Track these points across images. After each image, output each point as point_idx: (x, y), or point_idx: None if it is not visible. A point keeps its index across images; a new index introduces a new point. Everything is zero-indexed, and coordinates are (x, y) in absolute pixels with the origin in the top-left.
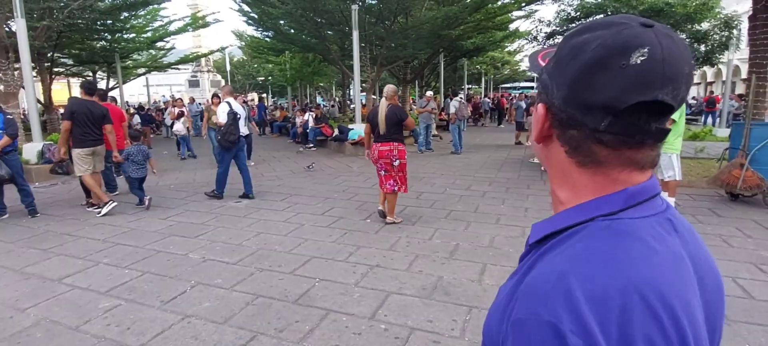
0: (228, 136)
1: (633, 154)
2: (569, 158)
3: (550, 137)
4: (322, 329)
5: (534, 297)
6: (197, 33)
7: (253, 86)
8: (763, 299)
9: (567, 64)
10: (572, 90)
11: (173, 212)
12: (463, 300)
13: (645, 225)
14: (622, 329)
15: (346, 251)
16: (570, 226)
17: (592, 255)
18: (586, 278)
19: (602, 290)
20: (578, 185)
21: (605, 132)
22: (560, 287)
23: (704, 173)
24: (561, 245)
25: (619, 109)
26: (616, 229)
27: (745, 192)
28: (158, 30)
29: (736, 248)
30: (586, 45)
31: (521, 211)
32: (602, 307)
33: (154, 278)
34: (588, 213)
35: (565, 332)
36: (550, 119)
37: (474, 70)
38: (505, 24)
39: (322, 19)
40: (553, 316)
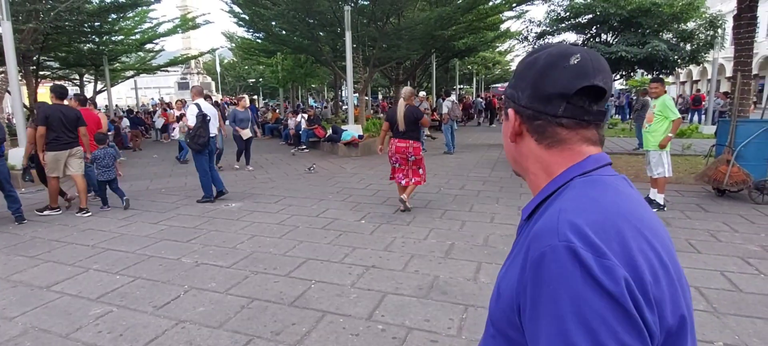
0: (198, 139)
1: (585, 132)
2: (538, 145)
3: (521, 134)
4: (319, 330)
5: (544, 235)
6: (187, 35)
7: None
8: (751, 292)
9: (526, 74)
10: (534, 88)
11: (164, 216)
12: (459, 299)
13: (613, 179)
14: (621, 244)
15: (342, 252)
16: (554, 191)
17: (582, 197)
18: (583, 211)
19: (598, 217)
20: (551, 163)
21: (562, 116)
22: (564, 220)
23: (691, 169)
24: (552, 203)
25: (570, 93)
26: (594, 180)
27: (732, 187)
28: (147, 32)
29: (724, 243)
30: (538, 59)
31: (515, 209)
32: (601, 229)
33: (146, 284)
34: (566, 177)
35: (577, 249)
36: (519, 118)
37: (466, 71)
38: (496, 24)
39: (314, 20)
40: (564, 239)
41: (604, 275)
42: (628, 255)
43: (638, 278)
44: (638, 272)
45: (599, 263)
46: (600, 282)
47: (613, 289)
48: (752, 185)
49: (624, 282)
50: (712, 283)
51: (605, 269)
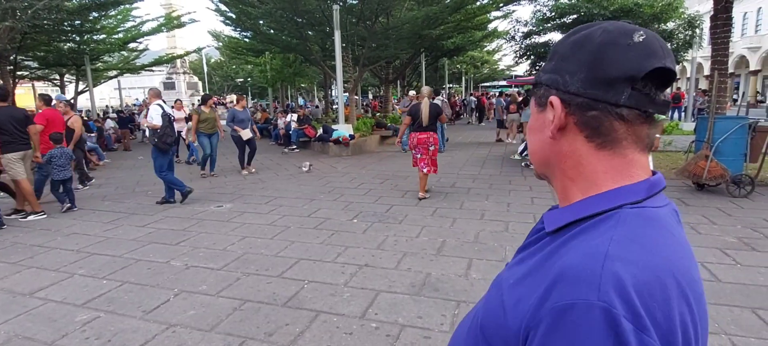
0: (165, 139)
1: (640, 130)
2: (588, 143)
3: (565, 128)
4: (313, 330)
5: (580, 283)
6: (172, 34)
7: (232, 88)
8: (729, 282)
9: (575, 54)
10: (591, 70)
11: (152, 218)
12: (451, 295)
13: (664, 214)
14: (665, 312)
15: (334, 251)
16: (595, 214)
17: (633, 241)
18: (631, 263)
19: (647, 276)
20: (597, 171)
21: (624, 106)
22: (609, 272)
23: (672, 165)
24: (593, 231)
25: (640, 76)
26: (649, 218)
27: (710, 182)
28: (130, 31)
29: (703, 235)
30: (590, 36)
31: (504, 206)
32: (650, 294)
33: (134, 288)
34: (614, 201)
35: (618, 317)
36: (566, 108)
37: (455, 70)
38: (483, 24)
39: (302, 20)
40: (605, 300)
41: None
42: (669, 326)
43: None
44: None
45: (639, 339)
46: None
47: None
48: (729, 179)
49: None
50: None
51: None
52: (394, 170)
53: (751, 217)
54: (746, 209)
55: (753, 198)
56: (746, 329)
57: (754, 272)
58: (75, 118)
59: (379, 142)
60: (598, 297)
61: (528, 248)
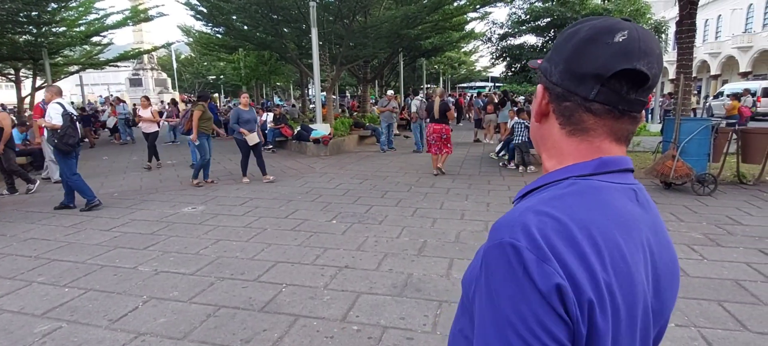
0: (67, 139)
1: (614, 124)
2: (561, 129)
3: (547, 115)
4: (292, 335)
5: (500, 229)
6: (138, 28)
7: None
8: (696, 276)
9: (563, 46)
10: (567, 64)
11: (118, 221)
12: (433, 295)
13: (608, 188)
14: (571, 256)
15: (313, 253)
16: (545, 183)
17: (556, 199)
18: (544, 213)
19: (556, 224)
20: (565, 153)
21: (594, 101)
22: (520, 219)
23: (641, 164)
24: (534, 195)
25: (607, 76)
26: (581, 185)
27: (677, 181)
28: (93, 23)
29: (672, 232)
30: (579, 30)
31: (483, 206)
32: (553, 234)
33: (99, 296)
34: (563, 174)
35: (521, 248)
36: (547, 96)
37: (432, 70)
38: (461, 25)
39: (278, 16)
40: (513, 238)
41: (540, 277)
42: (574, 270)
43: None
44: (578, 287)
45: (539, 266)
46: (535, 282)
47: (544, 290)
48: (695, 178)
49: (556, 288)
50: None
51: (542, 271)
52: (373, 170)
53: (715, 214)
54: (710, 206)
55: (716, 196)
56: (714, 321)
57: (719, 266)
58: (2, 115)
59: (358, 142)
60: (510, 236)
61: None
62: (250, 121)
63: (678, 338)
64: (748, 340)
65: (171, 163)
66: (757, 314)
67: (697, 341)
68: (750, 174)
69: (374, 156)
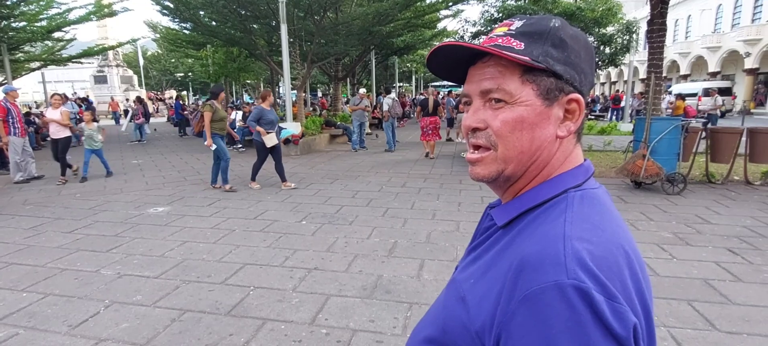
0: None
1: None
2: (574, 136)
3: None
4: (259, 339)
5: (546, 266)
6: (103, 23)
7: (171, 83)
8: (666, 275)
9: (585, 56)
10: (590, 76)
11: (80, 223)
12: (403, 297)
13: (601, 194)
14: (622, 280)
15: (282, 255)
16: (544, 201)
17: (584, 220)
18: (586, 241)
19: (602, 250)
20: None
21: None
22: (570, 252)
23: (612, 163)
24: (544, 218)
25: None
26: (589, 197)
27: (647, 180)
28: (55, 18)
29: (642, 231)
30: (587, 40)
31: (455, 205)
32: (606, 265)
33: (58, 300)
34: (559, 186)
35: (590, 291)
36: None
37: (405, 69)
38: (433, 23)
39: (246, 12)
40: (575, 278)
41: (617, 321)
42: (628, 293)
43: (640, 325)
44: (639, 318)
45: (611, 308)
46: (611, 329)
47: (622, 335)
48: (664, 177)
49: (632, 330)
50: None
51: (617, 314)
52: (344, 170)
53: (684, 213)
54: (680, 206)
55: (685, 195)
56: (683, 320)
57: (688, 265)
58: None
59: (329, 141)
60: (568, 276)
61: (480, 245)
62: (272, 122)
63: None
64: (717, 339)
65: (136, 162)
66: (725, 314)
67: (666, 341)
68: (718, 173)
69: (345, 155)
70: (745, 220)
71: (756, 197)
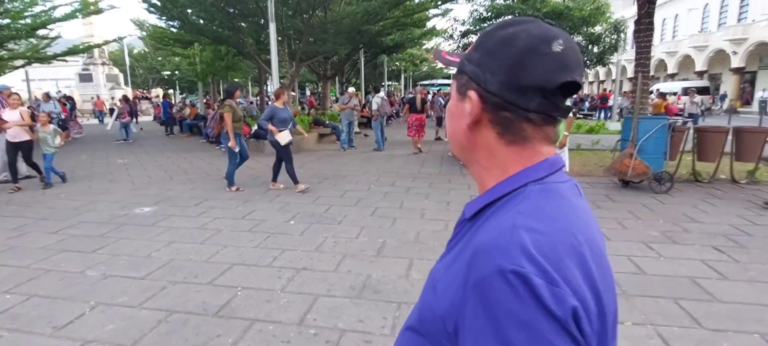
0: None
1: (548, 129)
2: (499, 139)
3: (480, 122)
4: (247, 340)
5: (492, 253)
6: (89, 20)
7: (158, 81)
8: (653, 274)
9: (499, 53)
10: (508, 75)
11: (64, 223)
12: (392, 297)
13: (566, 187)
14: (571, 269)
15: (270, 255)
16: (505, 194)
17: (537, 210)
18: (535, 230)
19: (551, 239)
20: (507, 161)
21: (534, 111)
22: (515, 240)
23: (600, 163)
24: (502, 210)
25: (550, 89)
26: (548, 189)
27: (634, 179)
28: (40, 16)
29: (629, 229)
30: (515, 36)
31: (444, 205)
32: (552, 252)
33: (43, 302)
34: (520, 180)
35: (529, 275)
36: (482, 104)
37: (394, 67)
38: (422, 21)
39: (235, 10)
40: (516, 264)
41: (556, 304)
42: (577, 282)
43: (584, 308)
44: (585, 302)
45: (551, 292)
46: (551, 311)
47: (561, 316)
48: (652, 176)
49: (572, 312)
50: (620, 267)
51: (557, 297)
52: (332, 169)
53: (672, 212)
54: (667, 204)
55: (672, 194)
56: (670, 318)
57: (675, 264)
58: None
59: (318, 140)
60: (510, 262)
61: (455, 238)
62: (286, 120)
63: (635, 336)
64: (703, 337)
65: (122, 162)
66: (712, 312)
67: (653, 339)
68: (705, 172)
69: (334, 154)
70: (731, 218)
71: (742, 196)
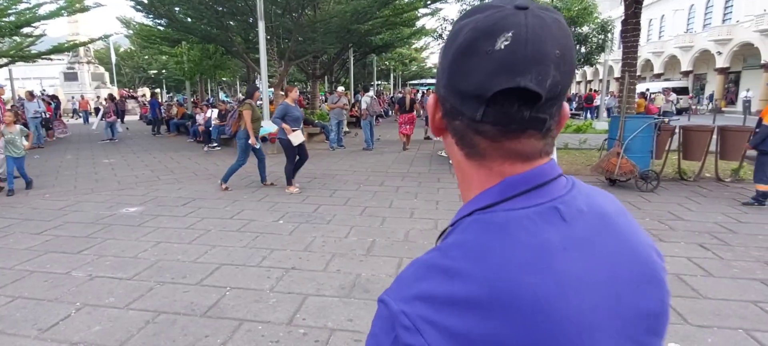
0: None
1: (513, 145)
2: (459, 150)
3: (444, 129)
4: (236, 340)
5: (394, 283)
6: (74, 18)
7: (144, 80)
8: None
9: (447, 49)
10: (449, 77)
11: (49, 224)
12: None
13: (518, 216)
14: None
15: (259, 255)
16: (457, 221)
17: (452, 248)
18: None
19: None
20: (468, 177)
21: (482, 122)
22: (411, 276)
23: (587, 161)
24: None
25: (486, 96)
26: (487, 222)
27: (621, 177)
28: (24, 14)
29: None
30: (461, 30)
31: (433, 204)
32: (444, 296)
33: (28, 303)
34: (469, 208)
35: (397, 313)
36: (440, 110)
37: (383, 67)
38: (412, 21)
39: (223, 8)
40: (391, 297)
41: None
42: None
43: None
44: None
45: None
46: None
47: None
48: (638, 174)
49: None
50: None
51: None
52: (322, 169)
53: (658, 210)
54: (653, 203)
55: (658, 192)
56: None
57: None
58: None
59: (307, 139)
60: (391, 295)
61: None
62: (298, 119)
63: None
64: (689, 333)
65: (108, 161)
66: (697, 308)
67: None
68: (690, 170)
69: (323, 154)
70: (716, 216)
71: (726, 194)
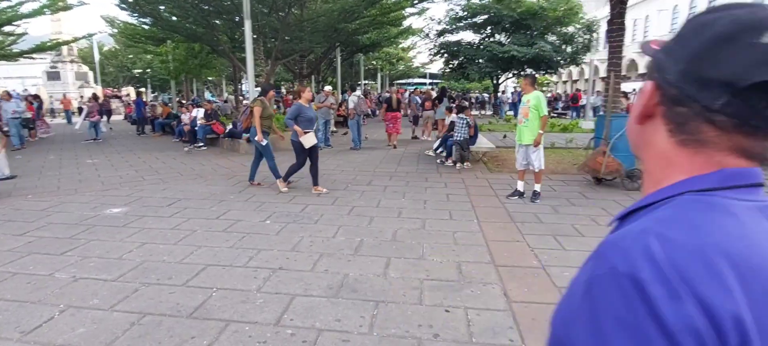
0: None
1: (744, 140)
2: (670, 136)
3: (651, 116)
4: (223, 341)
5: (610, 254)
6: (57, 17)
7: (129, 79)
8: None
9: (690, 39)
10: (690, 64)
11: (32, 225)
12: (370, 296)
13: (740, 205)
14: (709, 293)
15: (246, 255)
16: (656, 201)
17: (678, 221)
18: (668, 239)
19: (686, 253)
20: (674, 164)
21: (718, 111)
22: (639, 242)
23: (574, 160)
24: (646, 215)
25: (740, 86)
26: (706, 202)
27: (607, 176)
28: (5, 12)
29: (603, 226)
30: (715, 21)
31: (421, 203)
32: (685, 266)
33: (10, 306)
34: (677, 189)
35: (645, 280)
36: (658, 96)
37: (370, 66)
38: (399, 20)
39: (209, 7)
40: (632, 267)
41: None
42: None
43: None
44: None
45: (672, 307)
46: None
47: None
48: (624, 173)
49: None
50: None
51: (676, 313)
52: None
53: None
54: None
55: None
56: None
57: None
58: None
59: None
60: (626, 265)
61: None
62: (311, 120)
63: None
64: None
65: (91, 161)
66: None
67: None
68: None
69: None
70: None
71: None
